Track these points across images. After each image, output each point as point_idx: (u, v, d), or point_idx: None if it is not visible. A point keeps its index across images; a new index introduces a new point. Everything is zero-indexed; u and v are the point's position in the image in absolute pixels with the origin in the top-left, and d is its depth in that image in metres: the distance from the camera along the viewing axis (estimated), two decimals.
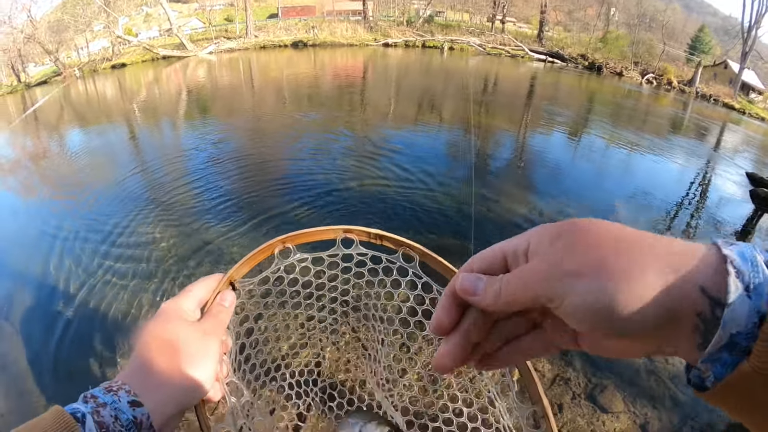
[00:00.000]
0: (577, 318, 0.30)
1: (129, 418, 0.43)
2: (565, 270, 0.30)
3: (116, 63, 18.49)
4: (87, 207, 4.85)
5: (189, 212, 4.46)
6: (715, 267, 0.27)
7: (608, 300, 0.28)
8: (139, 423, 0.44)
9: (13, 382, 2.71)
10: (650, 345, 0.30)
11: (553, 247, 0.31)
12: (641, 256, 0.29)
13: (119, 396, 0.45)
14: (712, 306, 0.27)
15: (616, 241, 0.30)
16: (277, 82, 13.57)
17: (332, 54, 20.05)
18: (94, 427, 0.41)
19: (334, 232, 0.74)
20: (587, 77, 17.05)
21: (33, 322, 3.15)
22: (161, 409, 0.47)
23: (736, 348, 0.27)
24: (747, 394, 0.27)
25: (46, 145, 7.90)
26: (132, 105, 10.48)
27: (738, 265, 0.27)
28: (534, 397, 0.62)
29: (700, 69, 18.10)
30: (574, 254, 0.30)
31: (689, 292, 0.28)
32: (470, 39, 22.27)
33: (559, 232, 0.31)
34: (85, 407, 0.42)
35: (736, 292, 0.26)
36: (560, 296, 0.30)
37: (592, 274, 0.29)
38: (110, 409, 0.43)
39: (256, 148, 6.75)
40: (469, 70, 16.34)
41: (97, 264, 3.69)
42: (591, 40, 23.90)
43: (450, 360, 0.35)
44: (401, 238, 0.74)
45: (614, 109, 11.39)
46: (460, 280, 0.34)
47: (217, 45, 20.94)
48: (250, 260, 0.69)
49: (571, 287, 0.29)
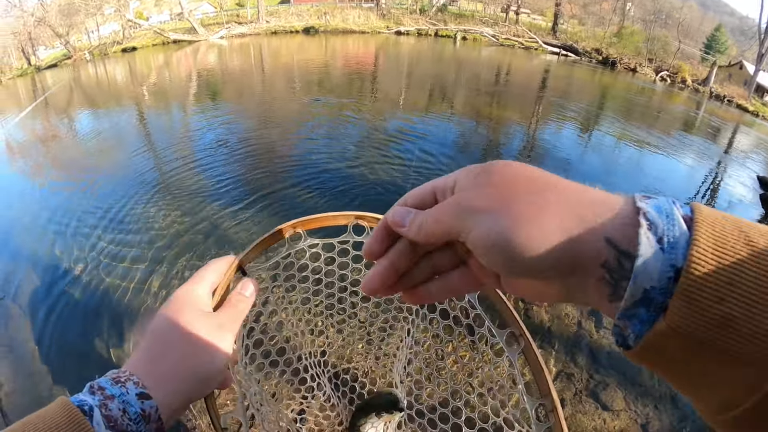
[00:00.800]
0: (480, 253, 0.31)
1: (137, 411, 0.42)
2: (473, 205, 0.31)
3: (127, 47, 18.41)
4: (96, 190, 4.87)
5: (199, 196, 4.47)
6: (626, 218, 0.27)
7: (504, 238, 0.29)
8: (147, 416, 0.43)
9: (21, 363, 2.74)
10: (557, 290, 0.31)
11: (469, 183, 0.32)
12: (546, 200, 0.30)
13: (127, 388, 0.43)
14: (619, 257, 0.27)
15: (529, 181, 0.31)
16: (287, 67, 13.51)
17: (344, 41, 19.91)
18: (102, 421, 0.40)
19: (346, 218, 0.72)
20: (601, 72, 16.87)
21: (40, 304, 3.17)
22: (170, 403, 0.46)
23: (652, 304, 0.26)
24: (667, 353, 0.26)
25: (56, 128, 7.92)
26: (142, 89, 10.47)
27: (652, 217, 0.26)
28: (543, 391, 0.61)
29: (715, 69, 17.87)
30: (485, 191, 0.31)
31: (593, 242, 0.27)
32: (483, 29, 22.04)
33: (479, 171, 0.33)
34: (93, 400, 0.41)
35: (648, 244, 0.26)
36: (466, 230, 0.31)
37: (495, 211, 0.30)
38: (118, 402, 0.42)
39: (267, 133, 6.74)
40: (481, 61, 16.20)
41: (106, 246, 3.71)
42: (606, 35, 23.62)
43: (378, 282, 0.37)
44: None
45: (627, 105, 11.27)
46: (392, 213, 0.36)
47: (228, 30, 20.81)
48: (260, 245, 0.68)
49: (474, 222, 0.30)
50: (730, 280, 0.24)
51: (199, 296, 0.54)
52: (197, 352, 0.49)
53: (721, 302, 0.24)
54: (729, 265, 0.25)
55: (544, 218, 0.29)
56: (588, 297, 0.30)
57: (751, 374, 0.24)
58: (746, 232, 0.26)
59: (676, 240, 0.26)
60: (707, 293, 0.24)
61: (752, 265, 0.24)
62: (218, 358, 0.51)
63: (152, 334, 0.49)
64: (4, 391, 2.52)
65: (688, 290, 0.25)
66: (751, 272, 0.24)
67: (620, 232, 0.27)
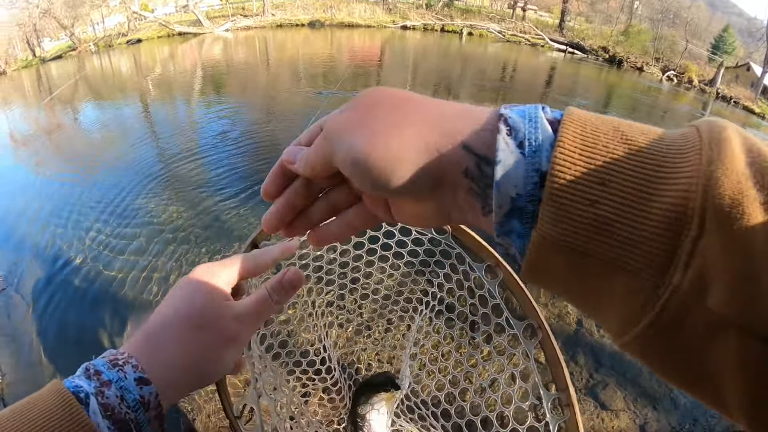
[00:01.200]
0: (348, 174, 0.30)
1: (135, 398, 0.39)
2: (337, 128, 0.31)
3: (132, 38, 18.29)
4: (99, 181, 4.86)
5: (202, 188, 4.47)
6: (487, 125, 0.26)
7: (363, 153, 0.28)
8: (146, 403, 0.39)
9: (23, 353, 2.75)
10: (435, 209, 0.30)
11: (338, 110, 0.32)
12: (406, 114, 0.29)
13: (125, 372, 0.40)
14: (479, 163, 0.26)
15: (392, 100, 0.31)
16: (293, 61, 13.47)
17: (350, 35, 19.81)
18: (98, 410, 0.36)
19: None
20: (607, 70, 16.77)
21: (43, 294, 3.18)
22: (171, 392, 0.42)
23: (524, 214, 0.25)
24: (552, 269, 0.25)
25: (60, 119, 7.91)
26: (147, 81, 10.44)
27: (513, 123, 0.25)
28: (560, 385, 0.60)
29: (722, 69, 17.75)
30: (349, 114, 0.31)
31: (453, 150, 0.27)
32: (490, 25, 21.92)
33: (351, 99, 0.32)
34: (89, 386, 0.38)
35: (507, 150, 0.25)
36: (334, 153, 0.30)
37: (355, 129, 0.29)
38: (115, 389, 0.38)
39: (271, 126, 6.73)
40: (487, 57, 16.14)
41: (108, 237, 3.72)
42: (613, 33, 23.47)
43: (274, 219, 0.37)
44: None
45: (633, 104, 11.21)
46: (285, 152, 0.36)
47: (233, 22, 20.69)
48: None
49: (339, 144, 0.30)
50: (603, 180, 0.23)
51: (220, 281, 0.48)
52: (206, 347, 0.44)
53: (594, 205, 0.23)
54: (602, 164, 0.23)
55: (402, 131, 0.28)
56: (465, 213, 0.29)
57: (641, 286, 0.22)
58: (624, 131, 0.24)
59: (540, 144, 0.24)
60: (577, 196, 0.23)
61: (629, 164, 0.23)
62: (229, 356, 0.46)
63: (159, 316, 0.45)
64: (6, 381, 2.54)
65: (555, 194, 0.23)
66: (627, 171, 0.23)
67: (480, 138, 0.26)
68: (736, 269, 0.20)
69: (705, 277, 0.21)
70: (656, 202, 0.22)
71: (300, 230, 0.39)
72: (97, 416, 0.36)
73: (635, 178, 0.22)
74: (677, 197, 0.21)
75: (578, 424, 0.57)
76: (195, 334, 0.44)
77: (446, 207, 0.30)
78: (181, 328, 0.44)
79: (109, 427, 0.36)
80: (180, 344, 0.43)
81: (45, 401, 0.35)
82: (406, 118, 0.29)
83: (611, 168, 0.23)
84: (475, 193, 0.27)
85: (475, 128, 0.27)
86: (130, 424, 0.38)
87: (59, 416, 0.34)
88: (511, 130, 0.25)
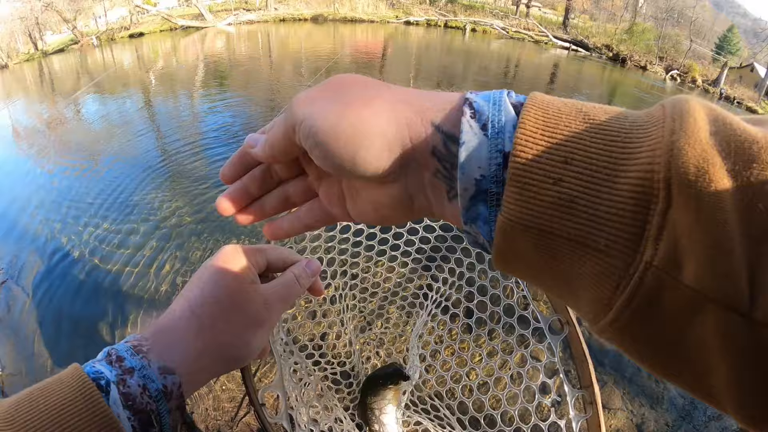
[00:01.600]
0: (308, 145, 0.29)
1: (158, 388, 0.37)
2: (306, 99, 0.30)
3: (134, 32, 18.27)
4: (100, 174, 4.86)
5: (205, 182, 4.46)
6: (455, 107, 0.27)
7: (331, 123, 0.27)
8: (169, 393, 0.37)
9: (23, 345, 2.75)
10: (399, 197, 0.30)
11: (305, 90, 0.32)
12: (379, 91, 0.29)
13: (149, 360, 0.38)
14: (446, 141, 0.26)
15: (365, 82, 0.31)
16: (295, 55, 13.46)
17: (352, 29, 19.78)
18: (119, 400, 0.34)
19: None
20: (610, 68, 16.74)
21: (44, 287, 3.18)
22: (194, 381, 0.40)
23: (489, 197, 0.25)
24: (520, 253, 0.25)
25: (62, 112, 7.90)
26: (149, 74, 10.44)
27: (478, 106, 0.26)
28: (585, 382, 0.59)
29: (725, 70, 17.75)
30: (318, 90, 0.30)
31: (424, 128, 0.27)
32: (493, 21, 21.85)
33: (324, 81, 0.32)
34: (110, 373, 0.36)
35: (471, 132, 0.25)
36: (297, 123, 0.30)
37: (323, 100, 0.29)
38: (138, 377, 0.36)
39: (273, 119, 6.72)
40: (491, 53, 16.10)
41: (110, 230, 3.71)
42: (617, 31, 23.41)
43: (227, 201, 0.37)
44: None
45: (636, 103, 11.18)
46: (247, 137, 0.37)
47: (236, 16, 20.63)
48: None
49: (304, 113, 0.29)
50: (566, 159, 0.23)
51: (248, 264, 0.46)
52: (234, 332, 0.43)
53: (559, 183, 0.23)
54: (564, 143, 0.23)
55: (373, 102, 0.28)
56: (429, 200, 0.29)
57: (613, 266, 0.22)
58: (586, 112, 0.24)
59: (503, 125, 0.25)
60: (540, 174, 0.23)
61: (592, 141, 0.23)
62: (256, 341, 0.44)
63: (184, 299, 0.43)
64: (6, 373, 2.53)
65: (518, 173, 0.23)
66: (590, 149, 0.23)
67: (448, 118, 0.26)
68: (709, 239, 0.19)
69: (677, 250, 0.20)
70: (621, 177, 0.22)
71: (252, 217, 0.39)
72: (118, 407, 0.34)
73: (598, 154, 0.22)
74: (642, 170, 0.21)
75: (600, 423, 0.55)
76: (223, 318, 0.42)
77: (410, 192, 0.30)
78: (208, 312, 0.42)
79: (129, 418, 0.35)
80: (207, 329, 0.41)
81: (63, 389, 0.33)
82: (378, 94, 0.29)
83: (574, 146, 0.23)
84: (441, 175, 0.27)
85: (444, 108, 0.27)
86: (151, 415, 0.36)
87: (78, 408, 0.32)
88: (475, 113, 0.25)
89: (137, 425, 0.35)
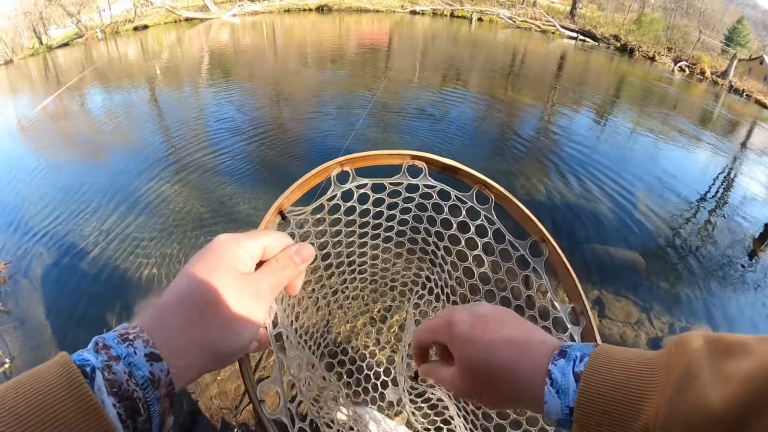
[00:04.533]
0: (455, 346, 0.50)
1: (145, 375, 0.36)
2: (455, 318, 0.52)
3: (138, 25, 18.25)
4: (106, 167, 4.88)
5: (212, 173, 4.47)
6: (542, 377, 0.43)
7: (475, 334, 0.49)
8: (156, 380, 0.37)
9: (31, 337, 2.78)
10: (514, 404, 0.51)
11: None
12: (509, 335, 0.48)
13: (135, 347, 0.37)
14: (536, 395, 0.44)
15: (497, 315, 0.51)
16: (300, 46, 13.38)
17: (358, 19, 19.65)
18: (103, 386, 0.34)
19: (401, 158, 0.67)
20: (618, 59, 16.57)
21: (50, 279, 3.21)
22: (184, 370, 0.40)
23: (565, 426, 0.42)
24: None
25: (68, 106, 7.90)
26: (154, 67, 10.41)
27: (555, 377, 0.42)
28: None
29: (734, 62, 17.50)
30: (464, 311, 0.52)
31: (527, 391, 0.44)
32: (500, 11, 21.65)
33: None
34: (96, 360, 0.35)
35: (550, 394, 0.42)
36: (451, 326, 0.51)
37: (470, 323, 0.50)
38: (124, 364, 0.36)
39: (279, 110, 6.71)
40: (497, 43, 15.96)
41: (116, 222, 3.73)
42: (625, 22, 23.16)
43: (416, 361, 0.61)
44: (478, 174, 0.66)
45: (643, 94, 11.08)
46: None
47: (240, 7, 20.52)
48: (303, 185, 0.62)
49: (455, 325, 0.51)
50: (604, 410, 0.38)
51: (241, 253, 0.45)
52: (223, 324, 0.42)
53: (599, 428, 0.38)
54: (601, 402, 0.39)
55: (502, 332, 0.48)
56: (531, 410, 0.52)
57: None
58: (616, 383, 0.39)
59: (568, 390, 0.41)
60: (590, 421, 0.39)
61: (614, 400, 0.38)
62: (246, 333, 0.44)
63: (173, 289, 0.42)
64: (15, 364, 2.56)
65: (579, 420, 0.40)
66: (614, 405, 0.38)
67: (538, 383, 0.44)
68: None
69: None
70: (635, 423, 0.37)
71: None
72: (102, 393, 0.34)
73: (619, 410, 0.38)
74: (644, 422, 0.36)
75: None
76: (210, 311, 0.41)
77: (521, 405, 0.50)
78: (195, 304, 0.41)
79: (115, 405, 0.34)
80: (194, 321, 0.41)
81: (49, 375, 0.33)
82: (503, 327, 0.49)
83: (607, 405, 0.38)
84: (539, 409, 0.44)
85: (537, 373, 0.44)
86: (138, 402, 0.35)
87: (61, 393, 0.32)
88: (553, 383, 0.42)
89: (123, 412, 0.34)
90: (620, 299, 3.21)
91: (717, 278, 3.65)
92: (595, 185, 4.84)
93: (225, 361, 0.44)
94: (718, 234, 4.40)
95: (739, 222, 4.71)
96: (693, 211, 4.78)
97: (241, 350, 0.45)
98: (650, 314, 3.13)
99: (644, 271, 3.60)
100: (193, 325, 0.41)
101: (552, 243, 0.64)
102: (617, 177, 5.16)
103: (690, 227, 4.43)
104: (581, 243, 3.84)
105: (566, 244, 3.77)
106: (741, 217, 4.82)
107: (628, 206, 4.52)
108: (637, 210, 4.49)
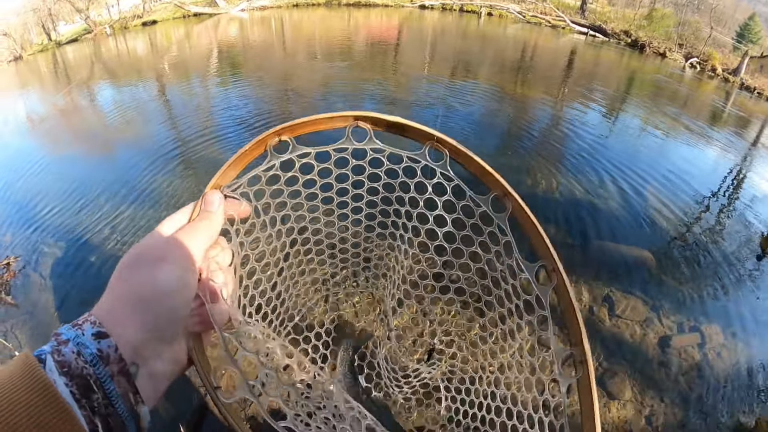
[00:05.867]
0: None
1: (92, 352, 0.39)
2: None
3: (147, 20, 18.26)
4: (115, 161, 4.92)
5: (222, 163, 4.48)
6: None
7: None
8: (105, 356, 0.39)
9: (41, 328, 2.82)
10: None
11: None
12: None
13: (83, 329, 0.40)
14: None
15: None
16: (309, 40, 13.37)
17: (366, 14, 19.56)
18: (54, 367, 0.37)
19: (343, 120, 0.60)
20: (629, 55, 16.42)
21: (59, 273, 3.25)
22: (131, 338, 0.42)
23: None
24: None
25: (77, 101, 7.94)
26: (163, 62, 10.43)
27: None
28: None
29: (746, 59, 17.24)
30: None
31: None
32: (510, 6, 21.45)
33: None
34: (48, 347, 0.39)
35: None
36: None
37: None
38: (72, 345, 0.38)
39: (288, 105, 6.72)
40: (507, 38, 15.87)
41: (125, 216, 3.76)
42: (635, 17, 22.90)
43: None
44: (429, 129, 0.60)
45: (654, 90, 10.98)
46: None
47: (249, 2, 20.43)
48: (238, 161, 0.59)
49: None
50: None
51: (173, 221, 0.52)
52: (151, 271, 0.44)
53: None
54: None
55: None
56: None
57: None
58: None
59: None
60: None
61: None
62: (180, 265, 0.46)
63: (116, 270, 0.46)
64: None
65: None
66: None
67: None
68: None
69: None
70: None
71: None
72: (54, 373, 0.36)
73: None
74: None
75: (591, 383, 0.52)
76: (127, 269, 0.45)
77: None
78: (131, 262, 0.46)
79: (67, 384, 0.36)
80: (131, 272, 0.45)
81: (10, 368, 0.36)
82: None
83: None
84: None
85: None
86: (89, 379, 0.38)
87: (17, 379, 0.35)
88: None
89: (76, 390, 0.37)
90: (629, 297, 3.22)
91: (727, 277, 3.64)
92: (605, 182, 4.83)
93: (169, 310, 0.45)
94: (728, 233, 4.38)
95: (750, 221, 4.69)
96: (703, 209, 4.76)
97: (181, 288, 0.46)
98: (659, 313, 3.13)
99: (654, 269, 3.60)
100: (129, 281, 0.44)
101: (514, 196, 0.59)
102: (627, 174, 5.14)
103: (700, 226, 4.41)
104: (591, 240, 3.84)
105: (576, 241, 3.78)
106: (752, 216, 4.79)
107: (637, 204, 4.51)
108: (647, 207, 4.48)
